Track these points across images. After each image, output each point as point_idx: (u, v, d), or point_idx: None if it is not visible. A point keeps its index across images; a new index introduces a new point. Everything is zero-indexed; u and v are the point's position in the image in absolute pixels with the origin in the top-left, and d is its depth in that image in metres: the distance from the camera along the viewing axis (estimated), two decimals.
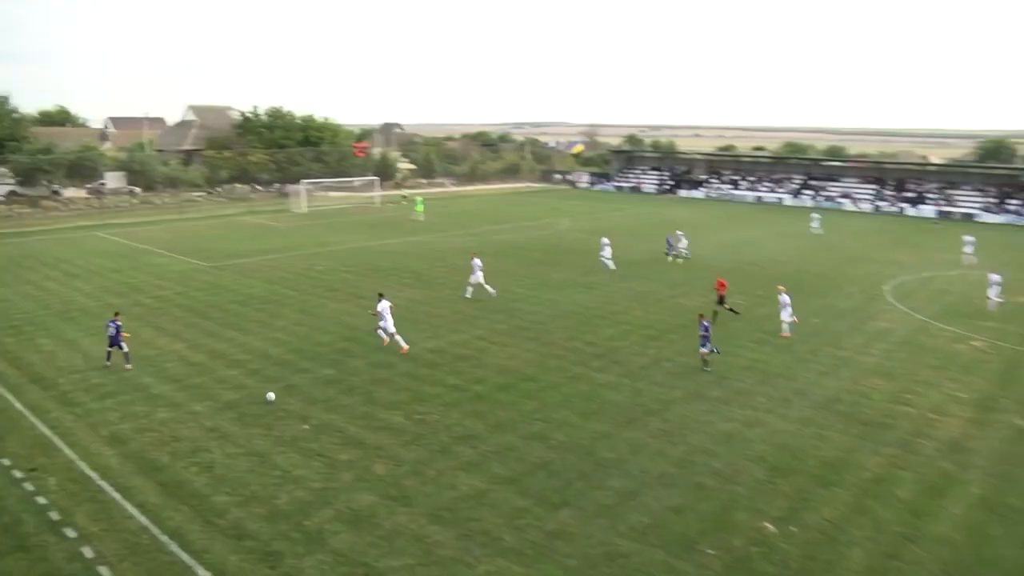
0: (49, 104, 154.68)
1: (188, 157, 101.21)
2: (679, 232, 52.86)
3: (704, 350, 26.89)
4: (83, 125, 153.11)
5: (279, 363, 27.74)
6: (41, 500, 17.94)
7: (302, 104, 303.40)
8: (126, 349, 27.27)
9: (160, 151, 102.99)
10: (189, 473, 19.28)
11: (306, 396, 24.50)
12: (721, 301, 34.72)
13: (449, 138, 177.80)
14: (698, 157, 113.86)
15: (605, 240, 47.23)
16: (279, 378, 26.09)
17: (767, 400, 24.47)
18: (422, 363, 27.63)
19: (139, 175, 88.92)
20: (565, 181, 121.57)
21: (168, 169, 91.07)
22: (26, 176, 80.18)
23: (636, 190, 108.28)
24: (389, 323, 29.20)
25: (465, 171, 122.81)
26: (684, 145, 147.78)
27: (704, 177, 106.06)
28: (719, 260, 49.33)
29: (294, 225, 67.75)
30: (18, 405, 23.80)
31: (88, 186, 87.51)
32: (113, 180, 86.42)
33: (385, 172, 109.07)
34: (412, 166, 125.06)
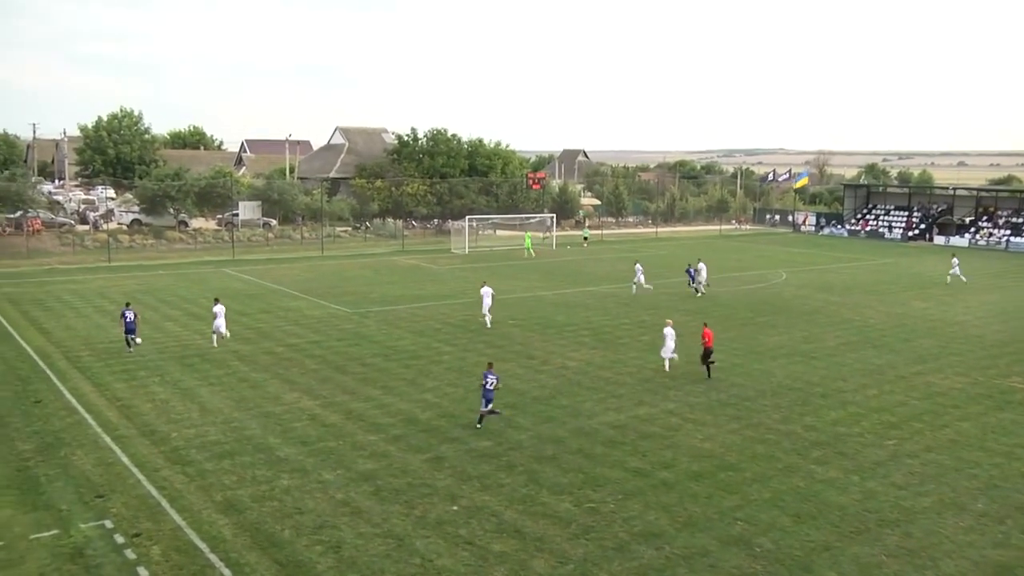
0: (183, 124, 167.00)
1: (334, 186, 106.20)
2: (701, 263, 58.71)
3: (484, 408, 28.74)
4: (218, 148, 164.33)
5: (427, 429, 28.29)
6: (143, 572, 18.85)
7: (469, 127, 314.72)
8: (139, 342, 32.14)
9: (302, 179, 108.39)
10: (312, 553, 19.80)
11: (457, 471, 24.77)
12: (707, 355, 35.63)
13: (642, 168, 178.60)
14: (963, 192, 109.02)
15: (639, 267, 53.09)
16: (426, 447, 26.58)
17: None
18: (599, 440, 27.50)
19: (276, 205, 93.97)
20: (785, 222, 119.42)
21: (310, 199, 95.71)
22: (152, 203, 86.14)
23: (876, 235, 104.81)
24: None
25: (661, 208, 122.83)
26: (943, 177, 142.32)
27: (969, 219, 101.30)
28: (995, 328, 46.78)
29: (453, 268, 69.56)
30: (125, 459, 25.28)
31: (219, 217, 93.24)
32: (247, 210, 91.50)
33: (565, 208, 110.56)
34: (596, 201, 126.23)
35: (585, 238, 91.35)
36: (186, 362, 36.59)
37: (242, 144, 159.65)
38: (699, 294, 56.48)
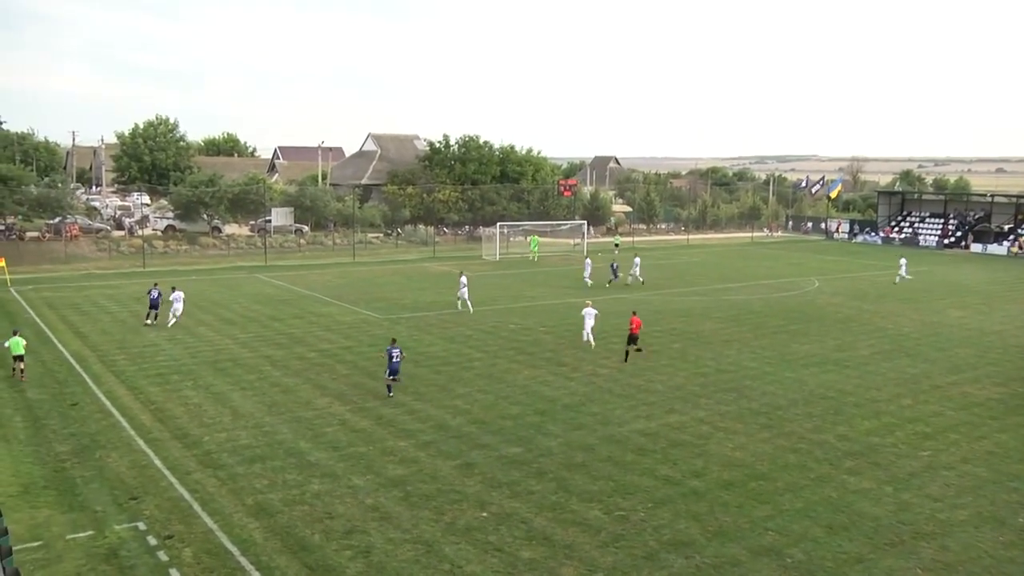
0: (217, 132, 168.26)
1: (366, 193, 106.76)
2: (636, 258, 65.99)
3: (388, 379, 32.69)
4: (251, 155, 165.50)
5: (457, 435, 28.33)
6: (175, 574, 18.98)
7: (500, 133, 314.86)
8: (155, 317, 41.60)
9: (334, 185, 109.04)
10: (342, 557, 19.86)
11: (486, 477, 24.79)
12: (633, 340, 39.13)
13: (674, 175, 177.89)
14: (1001, 199, 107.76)
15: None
16: (456, 453, 26.64)
17: None
18: (629, 447, 27.43)
19: (309, 212, 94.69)
20: (818, 230, 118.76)
21: (342, 206, 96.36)
22: (186, 209, 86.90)
23: (911, 242, 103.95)
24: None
25: (693, 215, 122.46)
26: (981, 183, 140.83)
27: (1008, 226, 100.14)
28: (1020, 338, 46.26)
29: (484, 274, 69.63)
30: (158, 462, 25.48)
31: (252, 223, 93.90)
32: (280, 217, 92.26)
33: (596, 215, 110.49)
34: (627, 208, 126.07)
35: (616, 245, 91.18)
36: (219, 366, 36.86)
37: (275, 151, 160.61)
38: (640, 282, 63.94)
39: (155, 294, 45.63)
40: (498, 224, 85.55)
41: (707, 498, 23.60)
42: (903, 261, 71.59)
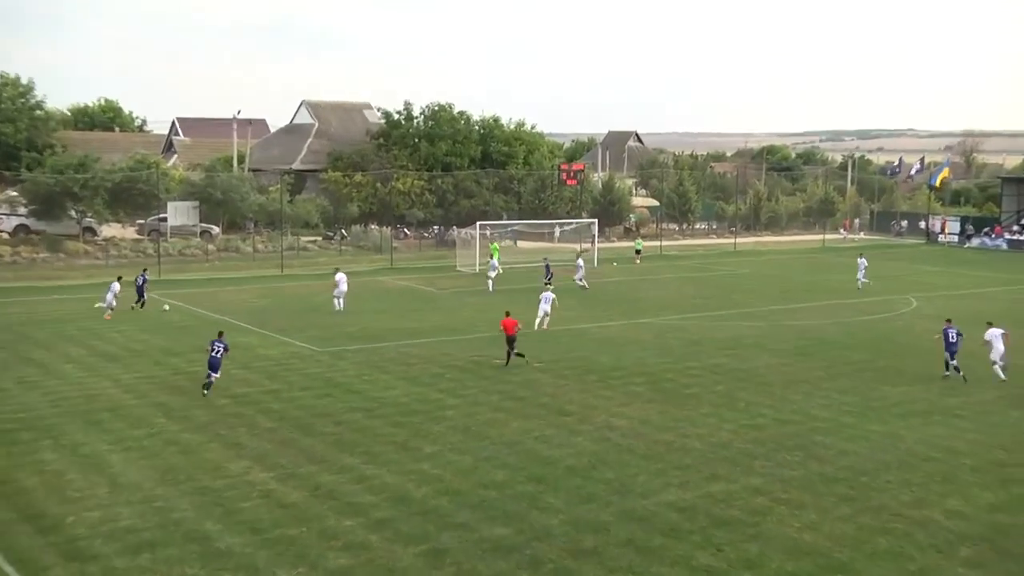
0: (91, 97, 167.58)
1: (298, 181, 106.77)
2: (579, 259, 71.74)
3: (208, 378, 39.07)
4: (139, 129, 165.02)
5: (423, 511, 28.16)
6: None
7: (481, 101, 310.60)
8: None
9: (255, 171, 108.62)
10: None
11: (462, 570, 24.75)
12: (511, 342, 45.42)
13: (716, 157, 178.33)
14: None
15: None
16: (421, 536, 26.50)
17: None
18: (657, 527, 27.32)
19: (219, 207, 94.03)
20: (915, 230, 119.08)
21: (266, 199, 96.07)
22: (46, 203, 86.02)
23: None
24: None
25: (742, 211, 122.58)
26: None
27: None
28: None
29: (459, 291, 69.82)
30: None
31: (140, 222, 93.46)
32: (179, 214, 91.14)
33: (610, 212, 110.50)
34: (653, 202, 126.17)
35: (638, 251, 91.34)
36: (92, 418, 36.71)
37: (173, 124, 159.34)
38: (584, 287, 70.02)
39: (139, 282, 59.71)
40: (478, 224, 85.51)
41: None
42: (862, 261, 75.37)
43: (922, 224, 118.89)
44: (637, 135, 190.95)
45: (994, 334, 45.89)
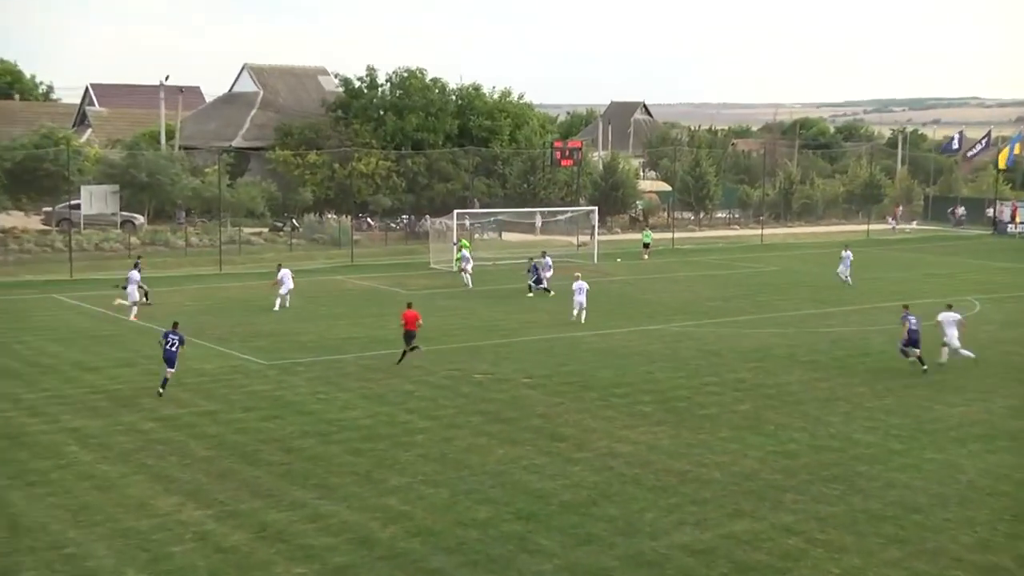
0: None
1: (240, 161, 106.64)
2: (547, 257, 71.85)
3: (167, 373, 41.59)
4: (45, 97, 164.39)
5: (390, 555, 27.70)
6: None
7: (459, 66, 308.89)
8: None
9: (188, 148, 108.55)
10: None
11: None
12: (409, 338, 47.59)
13: (739, 132, 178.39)
14: None
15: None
16: None
17: None
18: (669, 572, 26.97)
19: (145, 192, 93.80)
20: (979, 219, 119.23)
21: (201, 183, 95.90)
22: None
23: None
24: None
25: (770, 197, 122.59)
26: None
27: None
28: None
29: (432, 292, 69.86)
30: None
31: (47, 210, 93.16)
32: (95, 200, 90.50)
33: (613, 197, 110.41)
34: (664, 186, 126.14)
35: (646, 245, 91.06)
36: None
37: (87, 91, 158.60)
38: (533, 293, 68.68)
39: (138, 275, 60.73)
40: (455, 213, 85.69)
41: None
42: (847, 254, 76.28)
43: (989, 211, 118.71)
44: (645, 106, 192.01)
45: (949, 318, 49.15)
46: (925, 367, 47.63)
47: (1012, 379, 47.64)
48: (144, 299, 60.56)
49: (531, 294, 68.11)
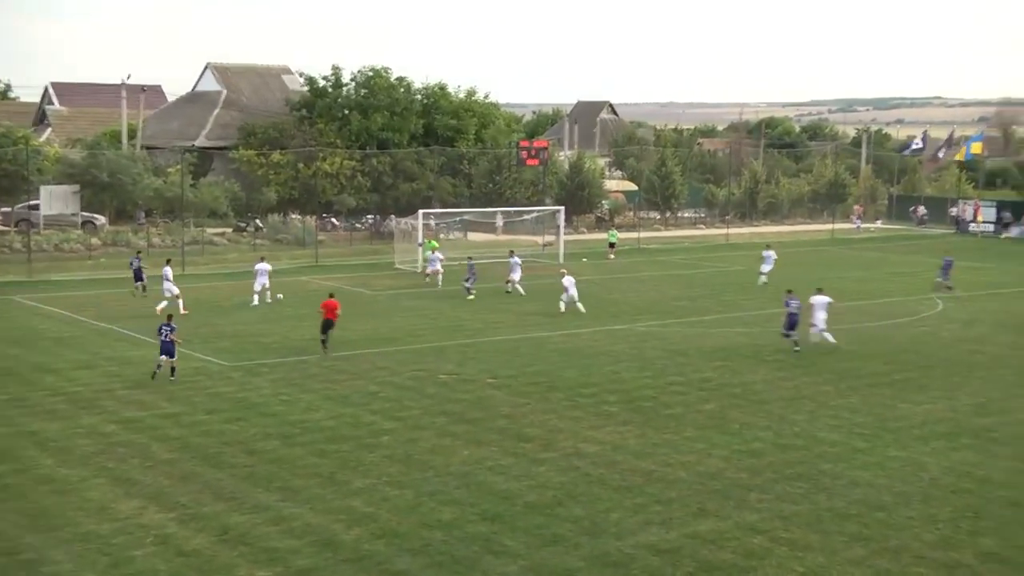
0: None
1: (203, 161, 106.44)
2: (515, 257, 71.56)
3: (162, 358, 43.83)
4: (2, 96, 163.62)
5: (354, 557, 27.67)
6: None
7: (425, 65, 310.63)
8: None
9: (150, 148, 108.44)
10: None
11: None
12: (327, 327, 50.20)
13: (706, 131, 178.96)
14: None
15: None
16: None
17: None
18: (635, 572, 26.99)
19: (105, 192, 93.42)
20: (941, 218, 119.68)
21: (163, 183, 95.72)
22: None
23: None
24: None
25: (735, 197, 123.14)
26: None
27: None
28: None
29: (397, 292, 69.99)
30: None
31: (5, 210, 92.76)
32: (54, 200, 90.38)
33: (579, 197, 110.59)
34: (630, 185, 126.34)
35: (611, 244, 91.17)
36: None
37: (45, 91, 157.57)
38: (470, 295, 68.51)
39: (136, 264, 65.74)
40: (420, 213, 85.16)
41: None
42: (769, 254, 77.52)
43: (952, 211, 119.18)
44: (611, 106, 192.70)
45: (820, 301, 53.08)
46: (798, 348, 51.58)
47: (975, 377, 47.99)
48: (141, 291, 65.07)
49: (471, 296, 68.02)
